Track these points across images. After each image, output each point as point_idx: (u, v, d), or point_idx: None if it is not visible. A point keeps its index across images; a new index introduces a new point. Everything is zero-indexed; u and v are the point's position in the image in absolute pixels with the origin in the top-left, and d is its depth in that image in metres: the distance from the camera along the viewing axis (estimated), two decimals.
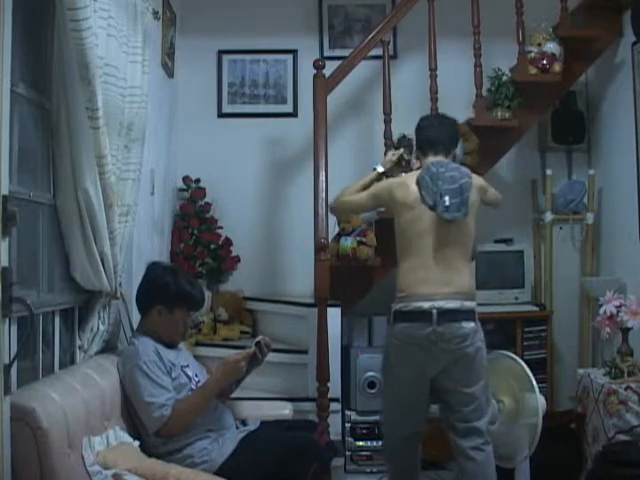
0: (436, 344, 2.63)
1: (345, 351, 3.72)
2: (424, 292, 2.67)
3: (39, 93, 2.32)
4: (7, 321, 1.88)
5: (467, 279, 2.75)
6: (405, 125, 4.12)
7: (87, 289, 2.54)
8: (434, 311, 2.63)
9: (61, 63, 2.29)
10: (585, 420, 3.39)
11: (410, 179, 2.80)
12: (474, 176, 2.83)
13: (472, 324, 2.69)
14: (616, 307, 3.43)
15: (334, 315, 3.48)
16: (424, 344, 2.64)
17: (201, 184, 4.28)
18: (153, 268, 2.81)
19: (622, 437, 3.14)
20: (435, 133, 2.91)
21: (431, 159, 2.84)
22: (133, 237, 2.88)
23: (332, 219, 3.69)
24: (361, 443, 3.73)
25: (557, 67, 3.87)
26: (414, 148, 3.09)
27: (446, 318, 2.63)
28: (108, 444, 2.23)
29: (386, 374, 2.84)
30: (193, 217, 4.19)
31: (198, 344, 3.82)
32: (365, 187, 3.01)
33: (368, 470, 3.71)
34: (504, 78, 3.96)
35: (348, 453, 3.72)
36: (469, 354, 2.67)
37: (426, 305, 2.64)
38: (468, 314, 2.69)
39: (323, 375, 3.31)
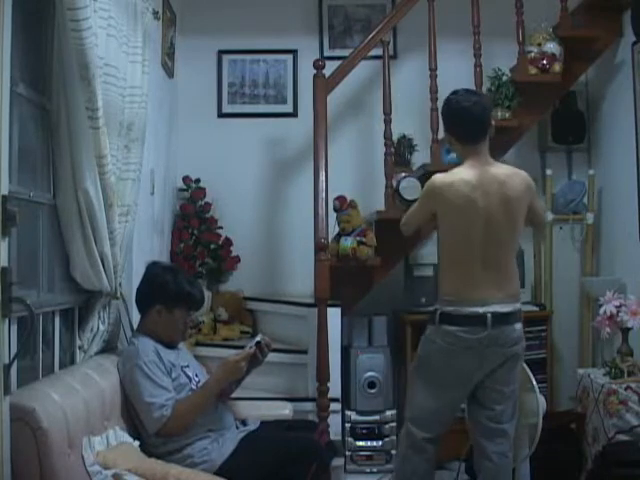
0: (489, 347, 2.61)
1: (345, 351, 3.72)
2: (476, 297, 2.62)
3: (39, 93, 2.32)
4: (7, 321, 1.88)
5: (515, 281, 2.72)
6: (405, 125, 4.15)
7: (87, 289, 2.54)
8: (489, 315, 2.59)
9: (61, 63, 2.29)
10: (585, 420, 3.39)
11: (458, 178, 2.66)
12: (525, 175, 2.75)
13: (521, 325, 2.69)
14: (616, 307, 3.43)
15: (334, 315, 3.48)
16: (477, 347, 2.60)
17: (201, 184, 4.28)
18: (153, 268, 2.81)
19: (622, 437, 3.14)
20: (475, 119, 2.69)
21: (471, 148, 2.70)
22: (133, 237, 2.88)
23: (332, 219, 3.70)
24: (361, 443, 3.73)
25: (557, 67, 3.87)
26: (413, 150, 2.99)
27: (500, 321, 2.61)
28: (108, 444, 2.23)
29: (423, 375, 2.74)
30: (193, 217, 4.19)
31: (198, 344, 3.82)
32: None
33: (368, 470, 3.71)
34: (504, 78, 3.96)
35: (348, 453, 3.72)
36: (519, 354, 2.68)
37: (481, 310, 2.59)
38: (518, 315, 2.68)
39: (323, 375, 3.31)
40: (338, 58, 3.91)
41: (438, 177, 2.73)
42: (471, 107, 2.68)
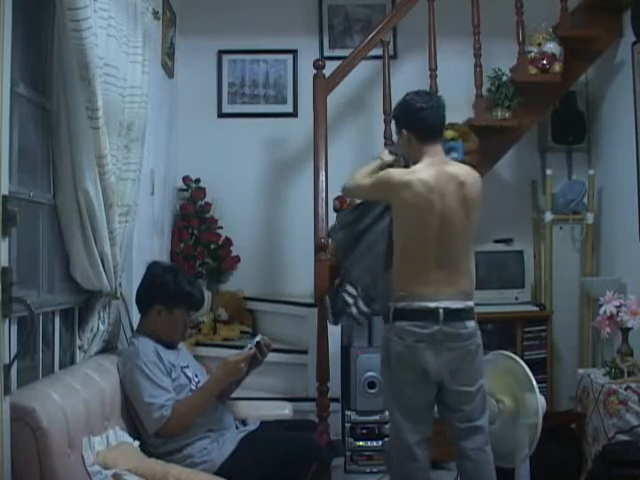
0: (441, 343, 2.62)
1: (345, 351, 3.73)
2: (428, 292, 2.65)
3: (39, 93, 2.33)
4: (7, 321, 1.88)
5: (468, 279, 2.74)
6: None
7: (87, 289, 2.54)
8: (440, 310, 2.61)
9: (61, 63, 2.29)
10: (585, 420, 3.40)
11: (416, 178, 2.68)
12: (476, 172, 2.79)
13: (473, 323, 2.70)
14: (616, 307, 3.43)
15: None
16: (429, 342, 2.62)
17: (201, 184, 4.28)
18: (153, 268, 2.81)
19: (622, 437, 3.14)
20: (436, 118, 2.76)
21: (430, 148, 2.74)
22: (133, 237, 2.88)
23: (332, 219, 3.69)
24: (361, 443, 3.73)
25: (557, 67, 3.87)
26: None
27: (452, 317, 2.63)
28: (108, 444, 2.23)
29: (387, 376, 2.76)
30: (193, 217, 4.20)
31: (198, 344, 3.82)
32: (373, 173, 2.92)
33: (368, 470, 3.71)
34: (504, 78, 3.95)
35: (348, 453, 3.72)
36: (472, 352, 2.67)
37: (432, 305, 2.62)
38: (470, 313, 2.69)
39: (323, 375, 3.31)
40: (338, 58, 3.91)
41: (396, 173, 2.75)
42: (433, 106, 2.75)
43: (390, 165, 2.94)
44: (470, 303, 2.70)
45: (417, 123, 2.77)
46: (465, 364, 2.66)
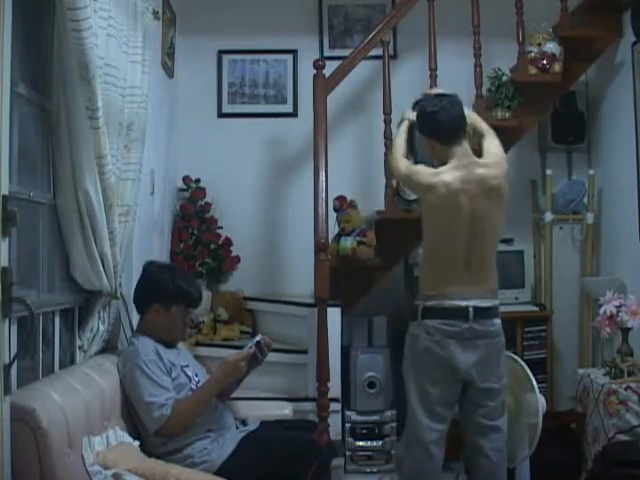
0: (470, 340, 2.65)
1: (345, 351, 3.72)
2: (458, 291, 2.67)
3: (39, 93, 2.32)
4: (7, 321, 1.88)
5: (494, 278, 2.77)
6: None
7: (87, 289, 2.54)
8: (471, 309, 2.65)
9: (61, 63, 2.29)
10: (585, 420, 3.40)
11: (440, 180, 2.68)
12: (501, 159, 2.82)
13: (499, 321, 2.74)
14: (616, 307, 3.43)
15: (334, 315, 3.48)
16: (458, 339, 2.65)
17: (201, 184, 4.28)
18: (149, 267, 2.81)
19: (622, 437, 3.14)
20: (452, 118, 2.72)
21: (455, 149, 2.72)
22: (133, 237, 2.88)
23: (332, 219, 3.70)
24: (361, 443, 3.73)
25: (557, 67, 3.87)
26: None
27: (481, 315, 2.66)
28: (108, 444, 2.23)
29: (413, 373, 2.74)
30: (193, 217, 4.19)
31: (198, 344, 3.82)
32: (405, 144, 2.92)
33: (368, 470, 3.71)
34: (504, 78, 3.96)
35: (348, 453, 3.72)
36: (499, 349, 2.72)
37: (463, 304, 2.65)
38: (496, 311, 2.74)
39: (323, 375, 3.31)
40: (338, 58, 3.91)
41: (423, 175, 2.74)
42: (445, 106, 2.73)
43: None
44: (496, 301, 2.74)
45: (433, 128, 2.76)
46: (493, 361, 2.71)
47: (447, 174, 2.69)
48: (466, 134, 2.78)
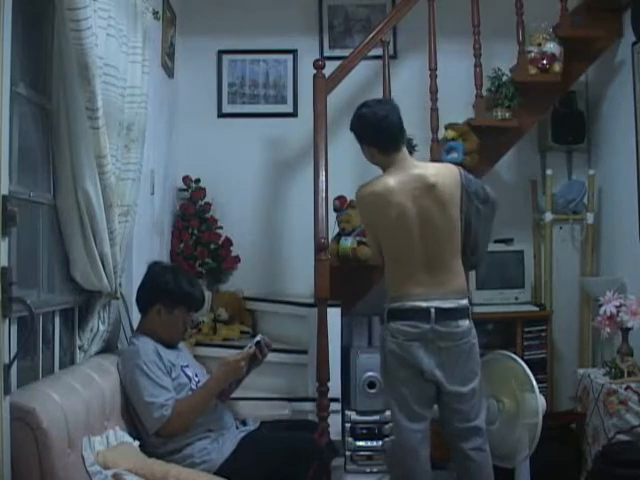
0: (433, 342, 2.64)
1: (345, 351, 3.72)
2: (419, 292, 2.67)
3: (39, 93, 2.32)
4: (7, 321, 1.88)
5: (460, 278, 2.74)
6: (405, 125, 4.13)
7: (87, 289, 2.54)
8: (432, 310, 2.63)
9: (61, 63, 2.29)
10: (585, 420, 3.40)
11: (384, 188, 2.71)
12: (451, 167, 2.80)
13: (467, 322, 2.70)
14: (616, 307, 3.44)
15: (334, 315, 3.47)
16: (421, 340, 2.64)
17: (201, 184, 4.27)
18: (153, 267, 2.82)
19: (622, 437, 3.15)
20: (391, 126, 2.73)
21: (395, 156, 2.75)
22: (133, 237, 2.88)
23: (332, 219, 3.70)
24: (361, 443, 3.73)
25: (557, 67, 3.87)
26: (413, 150, 2.98)
27: (444, 317, 2.64)
28: (108, 444, 2.23)
29: (385, 376, 2.79)
30: (193, 217, 4.19)
31: (198, 344, 3.82)
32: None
33: (368, 470, 3.71)
34: (504, 78, 3.96)
35: (348, 453, 3.71)
36: (465, 351, 2.68)
37: (424, 304, 2.65)
38: (463, 312, 2.70)
39: (323, 375, 3.31)
40: (338, 58, 3.91)
41: (365, 188, 2.78)
42: (388, 115, 2.74)
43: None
44: (463, 302, 2.71)
45: (372, 137, 2.77)
46: (460, 363, 2.68)
47: (389, 180, 2.72)
48: (404, 143, 2.80)
